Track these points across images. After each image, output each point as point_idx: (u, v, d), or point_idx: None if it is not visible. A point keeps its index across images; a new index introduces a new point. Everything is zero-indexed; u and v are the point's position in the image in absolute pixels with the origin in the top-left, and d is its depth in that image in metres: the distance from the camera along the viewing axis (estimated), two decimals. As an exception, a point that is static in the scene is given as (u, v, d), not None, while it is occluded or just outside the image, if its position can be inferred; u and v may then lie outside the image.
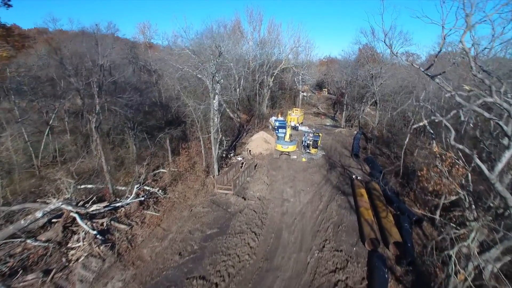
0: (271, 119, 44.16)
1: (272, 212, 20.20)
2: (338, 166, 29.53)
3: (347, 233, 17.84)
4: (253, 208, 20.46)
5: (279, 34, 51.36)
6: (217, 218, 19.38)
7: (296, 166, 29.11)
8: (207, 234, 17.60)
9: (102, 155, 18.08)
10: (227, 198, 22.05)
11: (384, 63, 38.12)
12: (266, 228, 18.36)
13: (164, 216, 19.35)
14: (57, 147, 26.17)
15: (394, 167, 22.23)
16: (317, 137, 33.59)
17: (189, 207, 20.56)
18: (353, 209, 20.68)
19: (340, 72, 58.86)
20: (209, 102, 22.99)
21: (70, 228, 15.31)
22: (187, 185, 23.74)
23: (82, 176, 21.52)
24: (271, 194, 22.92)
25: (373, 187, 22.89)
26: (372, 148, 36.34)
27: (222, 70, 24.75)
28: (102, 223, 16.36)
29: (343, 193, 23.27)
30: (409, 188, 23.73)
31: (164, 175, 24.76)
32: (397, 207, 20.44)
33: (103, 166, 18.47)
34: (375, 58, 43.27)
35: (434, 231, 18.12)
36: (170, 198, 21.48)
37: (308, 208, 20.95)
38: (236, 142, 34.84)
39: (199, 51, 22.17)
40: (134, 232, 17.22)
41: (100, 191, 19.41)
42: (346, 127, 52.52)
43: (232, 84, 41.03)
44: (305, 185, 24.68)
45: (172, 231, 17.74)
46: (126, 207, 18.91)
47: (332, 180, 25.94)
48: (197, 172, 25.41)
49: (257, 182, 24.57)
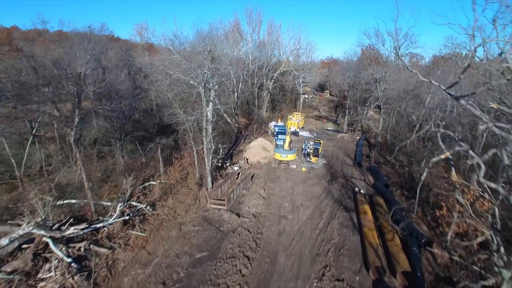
0: (271, 124, 42.57)
1: (267, 232, 18.62)
2: (340, 176, 27.89)
3: (350, 258, 16.22)
4: (248, 227, 18.89)
5: (279, 36, 49.88)
6: (208, 238, 17.84)
7: (296, 176, 27.50)
8: (196, 258, 16.07)
9: (83, 170, 16.62)
10: (220, 214, 20.50)
11: (389, 67, 36.34)
12: (260, 251, 16.78)
13: (151, 236, 17.83)
14: (42, 157, 24.82)
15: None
16: (318, 145, 31.94)
17: (179, 226, 19.04)
18: (356, 228, 19.04)
19: (342, 75, 57.15)
20: (202, 111, 21.45)
21: (42, 255, 13.84)
22: (178, 199, 22.25)
23: (64, 189, 20.10)
24: (268, 210, 21.35)
25: (377, 202, 21.27)
26: (375, 155, 34.65)
27: (217, 75, 23.21)
28: (80, 247, 14.88)
29: (345, 208, 21.64)
30: (416, 203, 22.00)
31: (154, 188, 23.27)
32: (404, 226, 18.76)
33: (84, 183, 16.99)
34: (378, 61, 41.50)
35: (445, 254, 16.46)
36: (159, 215, 19.98)
37: (307, 227, 19.36)
38: (233, 150, 33.30)
39: (190, 56, 20.65)
40: (116, 256, 15.72)
41: (82, 209, 17.94)
42: (349, 131, 50.84)
43: (230, 88, 39.51)
44: (305, 199, 23.09)
45: (158, 255, 16.21)
46: (109, 227, 17.42)
47: (333, 193, 24.32)
48: (189, 185, 23.92)
49: (253, 196, 23.00)
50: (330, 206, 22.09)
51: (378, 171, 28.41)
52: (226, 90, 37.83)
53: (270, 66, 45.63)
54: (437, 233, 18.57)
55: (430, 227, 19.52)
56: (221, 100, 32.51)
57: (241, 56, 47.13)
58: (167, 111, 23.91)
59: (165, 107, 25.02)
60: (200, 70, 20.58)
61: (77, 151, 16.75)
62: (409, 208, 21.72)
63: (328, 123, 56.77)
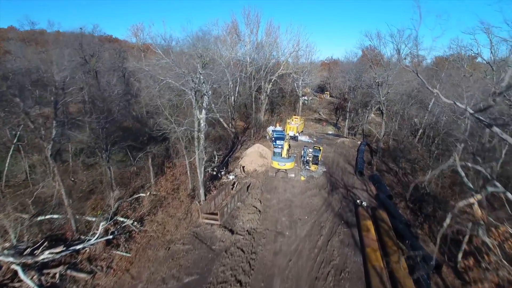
0: (269, 128, 41.21)
1: (262, 251, 17.26)
2: (340, 186, 26.53)
3: (352, 283, 14.86)
4: (241, 246, 17.53)
5: (277, 37, 48.34)
6: (198, 259, 16.49)
7: (294, 187, 26.13)
8: (184, 283, 14.74)
9: (61, 186, 15.28)
10: (213, 230, 19.15)
11: (391, 70, 34.90)
12: (254, 274, 15.43)
13: (136, 257, 16.48)
14: (26, 166, 23.51)
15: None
16: (318, 152, 30.56)
17: (167, 244, 17.69)
18: (358, 247, 17.69)
19: (343, 78, 55.76)
20: (193, 119, 20.11)
21: (10, 285, 12.50)
22: (169, 213, 20.91)
23: (44, 204, 18.71)
24: (264, 225, 19.99)
25: (380, 218, 19.92)
26: (377, 162, 33.29)
27: (211, 80, 21.84)
28: (55, 274, 13.53)
29: (346, 223, 20.29)
30: (422, 218, 20.71)
31: (144, 200, 21.94)
32: (410, 244, 17.45)
33: (64, 199, 15.65)
34: (380, 63, 40.09)
35: (456, 279, 15.13)
36: (147, 232, 18.64)
37: (305, 245, 17.99)
38: (229, 157, 31.94)
39: (180, 61, 19.30)
40: (96, 281, 14.38)
41: (62, 227, 16.59)
42: (349, 135, 49.51)
43: (226, 92, 38.14)
44: (303, 213, 21.74)
45: (143, 279, 14.87)
46: (91, 247, 16.08)
47: (333, 205, 22.97)
48: (181, 197, 22.57)
49: (248, 210, 21.64)
50: (330, 220, 20.74)
51: (380, 181, 27.05)
52: (222, 94, 36.47)
53: (269, 68, 44.24)
54: (445, 252, 17.24)
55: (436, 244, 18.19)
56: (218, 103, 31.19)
57: (239, 58, 45.76)
58: (158, 118, 22.54)
59: (156, 114, 23.64)
60: (191, 75, 19.24)
61: (54, 165, 15.37)
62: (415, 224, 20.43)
63: (328, 127, 55.44)
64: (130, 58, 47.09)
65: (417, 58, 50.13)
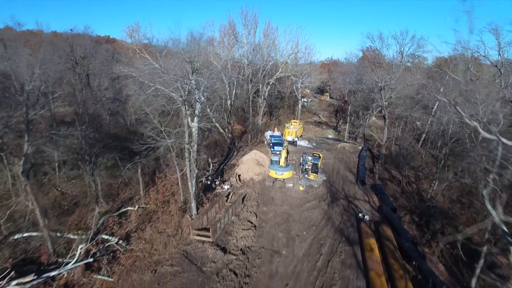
0: (267, 133, 39.79)
1: (257, 274, 15.88)
2: (341, 197, 25.14)
3: (354, 313, 13.51)
4: (234, 268, 16.15)
5: (275, 39, 46.89)
6: (187, 283, 15.12)
7: (292, 198, 24.73)
8: (170, 313, 13.37)
9: (36, 206, 13.89)
10: (204, 249, 17.76)
11: (394, 73, 33.49)
12: (247, 302, 14.08)
13: (119, 282, 15.09)
14: (9, 176, 22.12)
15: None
16: (317, 159, 29.18)
17: (154, 266, 16.30)
18: (361, 269, 16.31)
19: (343, 80, 54.36)
20: (183, 130, 18.71)
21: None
22: (158, 228, 19.52)
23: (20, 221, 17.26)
24: (259, 243, 18.60)
25: (384, 235, 18.55)
26: (379, 170, 31.92)
27: (203, 86, 20.43)
28: (24, 306, 12.14)
29: (348, 240, 18.90)
30: (429, 235, 19.31)
31: (132, 214, 20.56)
32: (418, 266, 16.08)
33: (39, 220, 14.25)
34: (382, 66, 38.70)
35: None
36: (133, 251, 17.25)
37: (303, 266, 16.61)
38: (224, 165, 30.52)
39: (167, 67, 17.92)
40: (72, 312, 13.04)
41: (37, 250, 15.18)
42: (350, 139, 48.12)
43: (223, 96, 36.77)
44: (301, 228, 20.36)
45: (124, 309, 13.52)
46: (69, 272, 14.69)
47: (334, 219, 21.58)
48: (171, 211, 21.17)
49: (243, 225, 20.25)
50: (330, 237, 19.35)
51: (383, 191, 25.65)
52: (218, 97, 35.09)
53: (267, 70, 42.82)
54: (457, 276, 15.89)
55: (446, 266, 16.85)
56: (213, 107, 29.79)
57: (236, 60, 44.34)
58: (147, 126, 21.13)
59: (146, 121, 22.25)
60: (180, 82, 17.85)
61: (27, 183, 13.99)
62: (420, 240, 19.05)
63: (328, 130, 54.03)
64: (124, 60, 45.73)
65: (417, 59, 48.75)
